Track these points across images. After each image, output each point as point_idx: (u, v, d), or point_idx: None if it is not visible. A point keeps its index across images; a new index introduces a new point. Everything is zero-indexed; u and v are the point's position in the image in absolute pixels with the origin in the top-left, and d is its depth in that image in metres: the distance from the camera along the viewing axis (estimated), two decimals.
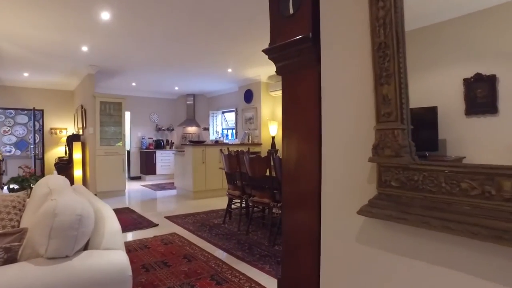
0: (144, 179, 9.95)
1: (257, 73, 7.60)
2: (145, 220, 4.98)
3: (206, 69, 7.17)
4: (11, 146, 10.24)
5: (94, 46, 5.45)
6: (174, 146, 10.59)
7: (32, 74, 7.53)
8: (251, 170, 4.06)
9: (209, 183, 6.86)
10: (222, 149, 4.94)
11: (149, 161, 9.86)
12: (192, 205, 6.20)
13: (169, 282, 2.83)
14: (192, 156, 6.65)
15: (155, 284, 2.80)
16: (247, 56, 6.18)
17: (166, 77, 8.10)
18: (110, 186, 6.99)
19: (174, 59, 6.34)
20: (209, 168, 6.84)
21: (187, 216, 5.24)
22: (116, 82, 8.49)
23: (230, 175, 4.65)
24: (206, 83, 8.85)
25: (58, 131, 8.97)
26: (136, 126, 10.23)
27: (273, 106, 8.07)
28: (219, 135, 9.76)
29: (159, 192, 7.79)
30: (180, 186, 7.25)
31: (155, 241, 3.95)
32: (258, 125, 7.98)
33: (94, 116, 6.91)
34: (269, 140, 7.79)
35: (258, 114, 7.98)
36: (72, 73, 7.38)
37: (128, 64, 6.71)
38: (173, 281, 2.85)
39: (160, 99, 10.66)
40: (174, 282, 2.82)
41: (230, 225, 4.71)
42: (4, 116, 10.20)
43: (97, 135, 6.89)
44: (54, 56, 5.91)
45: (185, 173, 6.92)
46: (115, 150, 7.08)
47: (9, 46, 5.37)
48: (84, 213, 1.61)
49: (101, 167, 6.88)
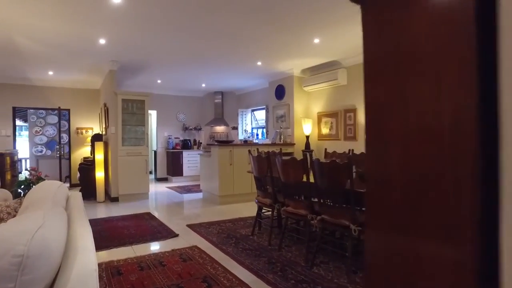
0: (170, 181, 9.56)
1: (289, 66, 6.93)
2: (165, 229, 4.46)
3: (233, 63, 6.59)
4: (42, 146, 10.21)
5: (112, 39, 5.02)
6: (202, 146, 10.13)
7: (57, 73, 7.30)
8: (284, 175, 3.41)
9: (237, 187, 6.28)
10: (250, 150, 4.34)
11: (175, 162, 9.45)
12: (217, 211, 5.64)
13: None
14: (219, 157, 6.09)
15: None
16: (279, 47, 5.53)
17: (192, 73, 7.61)
18: (133, 189, 6.58)
19: (199, 52, 5.80)
20: (237, 170, 6.26)
21: (211, 225, 4.67)
22: (141, 79, 8.13)
23: (259, 180, 4.02)
24: (234, 79, 8.28)
25: (84, 131, 8.75)
26: (163, 125, 9.86)
27: (307, 102, 7.36)
28: (248, 135, 9.17)
29: (185, 195, 7.31)
30: (206, 189, 6.72)
31: (173, 257, 3.40)
32: (290, 124, 7.30)
33: (116, 115, 6.53)
34: (303, 140, 7.09)
35: (290, 111, 7.31)
36: (95, 70, 7.06)
37: (150, 59, 6.27)
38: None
39: (186, 97, 10.24)
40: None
41: (259, 237, 4.08)
42: (36, 116, 10.19)
43: (119, 134, 6.50)
44: (72, 51, 5.55)
45: (211, 175, 6.37)
46: (138, 151, 6.67)
47: (26, 41, 5.05)
48: (33, 252, 1.03)
49: (123, 168, 6.49)
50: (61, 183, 2.59)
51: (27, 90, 8.20)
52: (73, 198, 2.33)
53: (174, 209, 5.92)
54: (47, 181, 2.57)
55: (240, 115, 9.52)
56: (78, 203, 2.19)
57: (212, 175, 6.33)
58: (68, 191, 2.59)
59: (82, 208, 2.10)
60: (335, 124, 6.66)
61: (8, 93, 8.01)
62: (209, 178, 6.52)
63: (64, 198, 2.21)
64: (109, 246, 3.74)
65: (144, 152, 6.73)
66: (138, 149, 6.68)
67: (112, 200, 6.47)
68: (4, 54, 5.78)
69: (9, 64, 6.61)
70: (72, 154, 8.74)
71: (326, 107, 6.90)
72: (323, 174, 2.93)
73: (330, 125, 6.79)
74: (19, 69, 6.95)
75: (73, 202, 2.20)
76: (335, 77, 6.31)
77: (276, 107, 7.75)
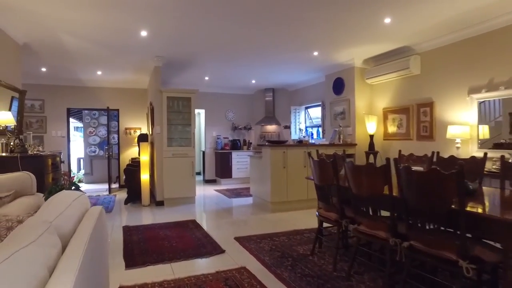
0: (219, 183, 9.12)
1: (349, 56, 6.08)
2: (210, 242, 3.90)
3: (288, 54, 5.89)
4: (95, 147, 10.34)
5: (154, 30, 4.59)
6: (252, 146, 9.57)
7: (105, 72, 7.15)
8: (356, 185, 2.66)
9: (291, 193, 5.58)
10: (309, 153, 3.63)
11: (224, 163, 8.99)
12: (269, 220, 4.99)
13: None
14: (271, 159, 5.44)
15: None
16: (340, 33, 4.75)
17: (242, 69, 7.06)
18: (178, 193, 6.17)
19: (251, 43, 5.20)
20: (292, 174, 5.57)
21: (262, 239, 4.03)
22: (188, 76, 7.75)
23: (322, 189, 3.29)
24: (287, 74, 7.59)
25: (132, 131, 8.61)
26: (211, 125, 9.45)
27: (370, 97, 6.45)
28: (303, 134, 8.41)
29: (233, 199, 6.77)
30: (256, 194, 6.11)
31: (217, 282, 2.80)
32: (351, 121, 6.44)
33: (161, 114, 6.16)
34: (366, 140, 6.21)
35: (351, 107, 6.45)
36: (141, 68, 6.78)
37: (197, 53, 5.80)
38: None
39: (235, 95, 9.74)
40: None
41: (321, 258, 3.35)
42: (90, 117, 10.36)
43: (165, 134, 6.13)
44: (115, 46, 5.24)
45: (262, 179, 5.75)
46: (184, 152, 6.24)
47: (70, 38, 4.81)
48: None
49: (169, 171, 6.11)
50: (81, 194, 2.11)
51: (79, 91, 8.23)
52: (90, 217, 1.80)
53: (222, 216, 5.38)
54: (66, 191, 2.09)
55: (293, 113, 8.79)
56: (92, 225, 1.65)
57: (263, 179, 5.70)
58: (88, 206, 2.11)
59: (96, 232, 1.56)
60: (405, 121, 5.69)
61: (63, 95, 8.09)
62: (259, 182, 5.90)
63: (74, 218, 1.69)
64: (145, 263, 3.25)
65: (191, 154, 6.30)
66: (185, 150, 6.26)
67: (157, 204, 6.12)
68: (55, 55, 5.66)
69: (62, 66, 6.58)
70: (121, 155, 8.64)
71: (394, 102, 5.94)
72: (416, 187, 2.14)
73: (399, 123, 5.82)
74: (71, 70, 6.90)
75: (87, 224, 1.67)
76: (406, 66, 5.35)
77: (334, 103, 6.92)
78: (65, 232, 1.47)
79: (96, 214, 1.87)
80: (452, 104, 4.84)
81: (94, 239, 1.61)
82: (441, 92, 5.00)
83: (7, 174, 3.31)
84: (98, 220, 1.86)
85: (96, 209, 2.03)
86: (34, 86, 7.83)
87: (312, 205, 5.62)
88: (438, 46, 5.04)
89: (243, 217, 5.23)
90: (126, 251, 3.63)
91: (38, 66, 6.53)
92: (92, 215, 1.84)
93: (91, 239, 1.53)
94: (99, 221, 1.89)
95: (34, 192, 3.48)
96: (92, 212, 1.92)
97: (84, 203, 2.00)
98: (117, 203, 6.43)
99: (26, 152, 3.94)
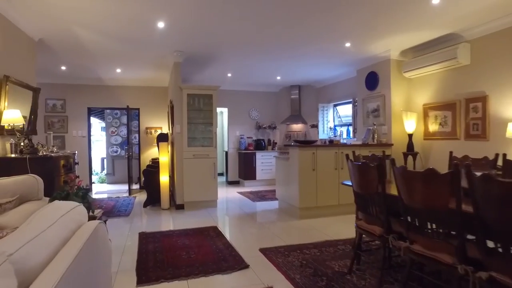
0: (242, 185, 8.71)
1: (385, 47, 5.50)
2: (232, 254, 3.48)
3: (318, 46, 5.39)
4: (117, 147, 10.21)
5: (172, 22, 4.23)
6: (277, 146, 9.11)
7: (124, 70, 6.90)
8: (408, 194, 2.16)
9: (321, 198, 5.09)
10: (347, 155, 3.14)
11: (248, 164, 8.57)
12: (297, 228, 4.52)
13: None
14: (299, 161, 4.97)
15: None
16: (377, 21, 4.22)
17: (266, 64, 6.62)
18: (199, 196, 5.81)
19: (278, 34, 4.75)
20: (322, 177, 5.08)
21: (291, 251, 3.57)
22: (210, 73, 7.38)
23: (362, 197, 2.79)
24: (315, 69, 7.08)
25: (153, 130, 8.35)
26: (234, 124, 9.06)
27: (408, 92, 5.84)
28: (335, 133, 7.85)
29: (258, 203, 6.34)
30: (282, 198, 5.65)
31: None
32: (386, 119, 5.86)
33: (181, 112, 5.81)
34: (403, 139, 5.61)
35: (386, 104, 5.87)
36: (160, 65, 6.47)
37: (218, 48, 5.40)
38: None
39: (260, 92, 9.29)
40: None
41: (361, 278, 2.86)
42: (112, 117, 10.23)
43: (185, 134, 5.77)
44: (133, 39, 4.92)
45: (289, 182, 5.28)
46: (206, 153, 5.87)
47: (85, 32, 4.53)
48: None
49: (189, 172, 5.75)
50: (76, 206, 1.75)
51: (100, 90, 8.05)
52: (77, 240, 1.41)
53: (245, 222, 4.96)
54: (57, 202, 1.72)
55: (321, 111, 8.26)
56: (75, 252, 1.26)
57: (291, 182, 5.23)
58: (83, 220, 1.73)
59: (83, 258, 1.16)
60: (450, 118, 5.06)
61: (83, 94, 7.94)
62: (286, 186, 5.43)
63: (54, 242, 1.30)
64: (159, 279, 2.87)
65: (212, 154, 5.91)
66: (206, 151, 5.88)
67: (177, 208, 5.78)
68: (72, 51, 5.43)
69: (81, 65, 6.39)
70: (141, 155, 8.40)
71: (437, 97, 5.31)
72: (498, 202, 1.62)
73: (442, 120, 5.20)
74: (91, 68, 6.70)
75: (69, 251, 1.28)
76: (453, 56, 4.72)
77: (366, 100, 6.35)
78: (33, 266, 1.08)
79: (87, 234, 1.49)
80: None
81: (78, 269, 1.22)
82: (497, 84, 4.35)
83: (12, 177, 3.01)
84: (90, 241, 1.47)
85: (90, 225, 1.64)
86: (56, 86, 7.72)
87: (344, 211, 5.11)
88: (492, 32, 4.39)
89: (268, 224, 4.78)
90: (140, 263, 3.27)
91: (57, 64, 6.35)
92: (81, 236, 1.46)
93: (71, 271, 1.14)
94: (92, 242, 1.50)
95: (41, 197, 3.18)
96: (83, 231, 1.54)
97: (76, 219, 1.63)
98: (136, 206, 6.14)
99: (36, 153, 3.66)
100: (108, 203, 6.37)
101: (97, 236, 1.62)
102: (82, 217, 1.73)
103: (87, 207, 2.92)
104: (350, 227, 4.66)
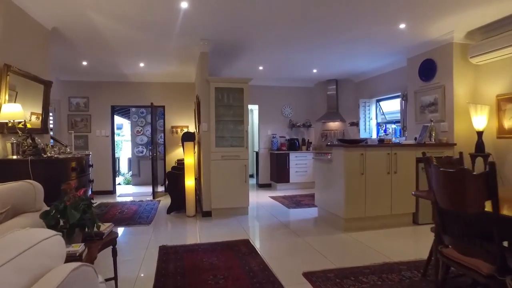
0: (274, 188, 8.01)
1: (447, 29, 4.62)
2: (270, 281, 2.79)
3: (364, 28, 4.60)
4: (143, 147, 9.81)
5: (198, 1, 3.60)
6: (312, 146, 8.33)
7: (148, 64, 6.39)
8: None
9: (371, 207, 4.30)
10: (428, 158, 2.37)
11: (280, 165, 7.85)
12: (345, 243, 3.77)
13: None
14: (345, 164, 4.21)
15: None
16: None
17: (301, 55, 5.90)
18: (229, 202, 5.17)
19: (319, 17, 4.03)
20: (371, 182, 4.29)
21: (343, 277, 2.83)
22: (240, 66, 6.74)
23: (455, 217, 2.01)
24: (356, 60, 6.27)
25: (179, 129, 7.83)
26: (266, 122, 8.37)
27: (475, 81, 4.92)
28: (387, 131, 6.98)
29: (293, 210, 5.63)
30: (323, 206, 4.90)
31: None
32: (447, 114, 4.97)
33: (208, 108, 5.20)
34: (470, 138, 4.71)
35: (446, 96, 4.97)
36: (186, 58, 5.90)
37: (249, 35, 4.75)
38: None
39: (293, 88, 8.54)
40: None
41: None
42: (137, 116, 9.85)
43: (212, 133, 5.15)
44: (153, 25, 4.35)
45: (331, 188, 4.53)
46: (236, 154, 5.22)
47: (100, 17, 4.01)
48: None
49: (218, 176, 5.13)
50: (44, 239, 1.12)
51: (123, 86, 7.64)
52: None
53: (281, 235, 4.26)
54: (18, 232, 1.11)
55: (362, 107, 7.41)
56: None
57: (333, 188, 4.48)
58: (55, 260, 1.09)
59: None
60: None
61: (106, 92, 7.55)
62: (328, 192, 4.68)
63: None
64: None
65: (243, 155, 5.26)
66: (236, 151, 5.24)
67: (204, 215, 5.17)
68: (90, 41, 4.96)
69: (102, 59, 5.98)
70: (167, 156, 7.91)
71: None
72: None
73: None
74: (112, 63, 6.27)
75: None
76: None
77: (420, 93, 5.47)
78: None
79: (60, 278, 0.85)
80: None
81: None
82: None
83: (5, 184, 2.48)
84: None
85: (59, 274, 1.00)
86: (79, 83, 7.37)
87: (398, 223, 4.31)
88: None
89: (309, 238, 4.04)
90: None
91: (77, 59, 5.94)
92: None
93: None
94: None
95: (40, 208, 2.62)
96: (59, 273, 0.90)
97: (41, 261, 1.00)
98: (160, 212, 5.60)
99: (39, 154, 3.15)
100: (130, 208, 5.88)
101: None
102: (52, 257, 1.10)
103: (90, 224, 2.34)
104: (410, 243, 3.85)
